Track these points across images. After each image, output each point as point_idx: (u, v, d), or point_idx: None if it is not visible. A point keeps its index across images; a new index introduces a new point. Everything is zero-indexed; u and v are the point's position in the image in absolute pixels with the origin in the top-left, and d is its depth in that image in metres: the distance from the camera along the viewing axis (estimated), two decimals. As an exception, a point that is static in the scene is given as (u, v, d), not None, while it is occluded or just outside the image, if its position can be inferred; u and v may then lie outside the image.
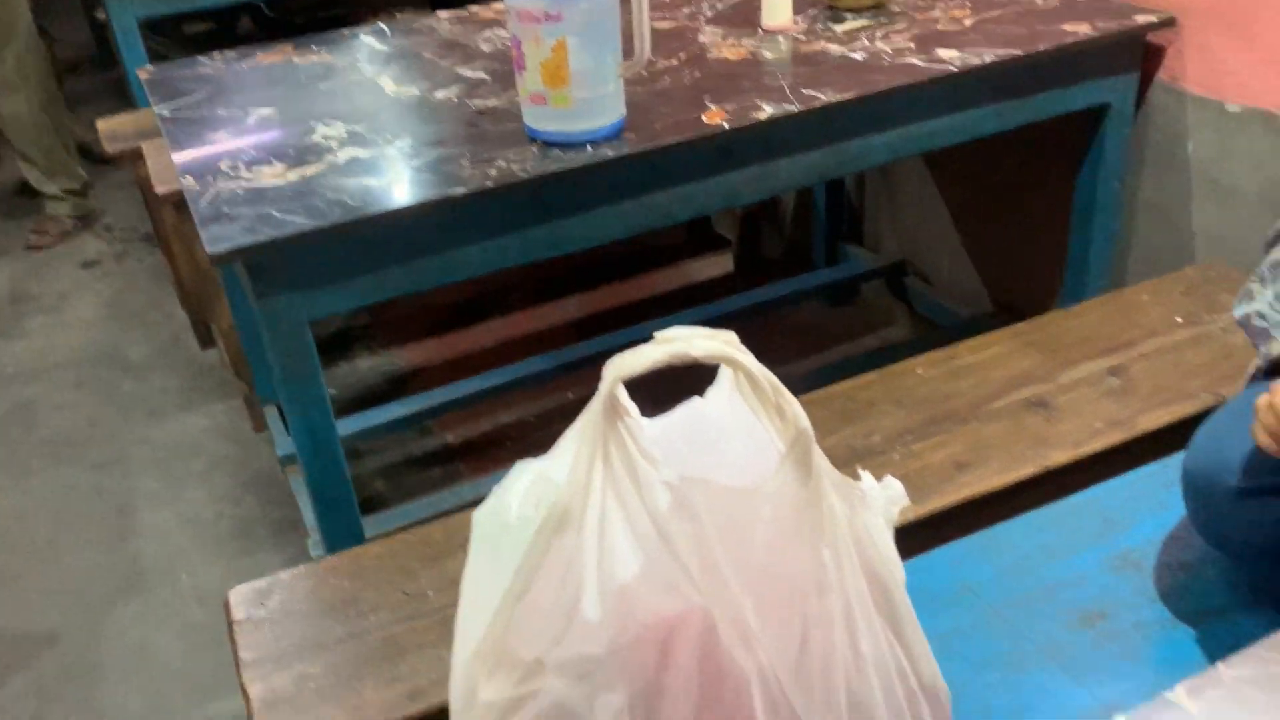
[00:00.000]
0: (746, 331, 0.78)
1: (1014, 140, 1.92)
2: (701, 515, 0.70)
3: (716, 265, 2.95)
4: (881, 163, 1.66)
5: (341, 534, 1.38)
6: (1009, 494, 1.24)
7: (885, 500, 0.74)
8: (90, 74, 4.43)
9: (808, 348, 2.54)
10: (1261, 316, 1.05)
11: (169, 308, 2.94)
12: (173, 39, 3.75)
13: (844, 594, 0.69)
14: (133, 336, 2.86)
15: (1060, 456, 1.28)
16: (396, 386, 2.54)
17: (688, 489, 0.71)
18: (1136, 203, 1.87)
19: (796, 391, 0.73)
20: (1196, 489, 1.04)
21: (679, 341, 0.64)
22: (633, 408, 0.73)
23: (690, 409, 0.82)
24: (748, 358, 0.67)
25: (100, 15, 3.62)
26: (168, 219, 2.39)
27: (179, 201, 2.08)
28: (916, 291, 2.51)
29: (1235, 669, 0.62)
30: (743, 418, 0.75)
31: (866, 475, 0.80)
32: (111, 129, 2.40)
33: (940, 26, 1.74)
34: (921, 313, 2.51)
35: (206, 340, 2.75)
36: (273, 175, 1.38)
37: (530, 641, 0.78)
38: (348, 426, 2.15)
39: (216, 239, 1.23)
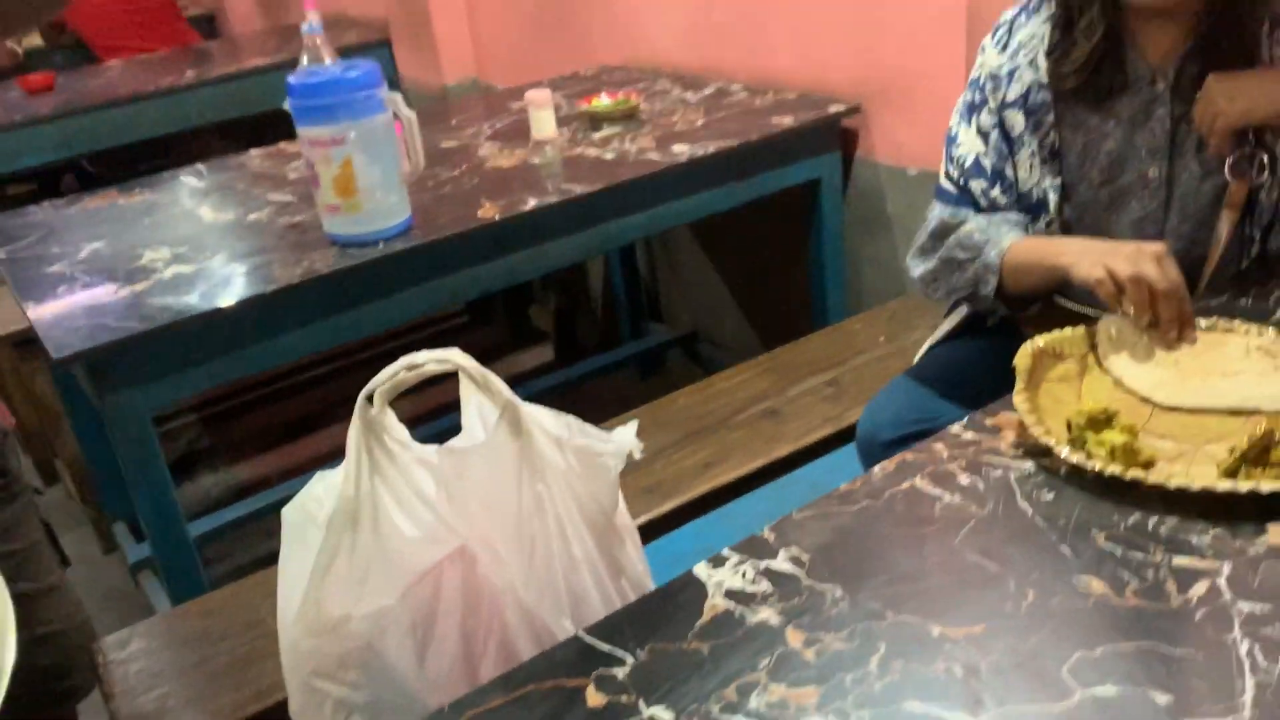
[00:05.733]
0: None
1: (761, 213, 2.31)
2: (449, 476, 0.96)
3: (537, 355, 3.24)
4: (633, 239, 1.99)
5: (187, 589, 1.57)
6: (747, 481, 1.54)
7: (616, 447, 1.01)
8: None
9: (623, 414, 2.83)
10: (982, 232, 1.27)
11: (10, 453, 3.01)
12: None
13: (557, 516, 0.96)
14: (-26, 484, 2.92)
15: (784, 449, 1.59)
16: (241, 497, 2.69)
17: (440, 458, 0.97)
18: (858, 254, 2.26)
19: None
20: (863, 446, 1.36)
21: (409, 359, 0.92)
22: (391, 416, 0.99)
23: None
24: (460, 357, 0.94)
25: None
26: (6, 362, 2.53)
27: (19, 340, 2.26)
28: (709, 356, 2.85)
29: (803, 512, 0.92)
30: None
31: (617, 431, 1.05)
32: (-57, 285, 2.55)
33: (678, 128, 2.11)
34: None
35: (50, 478, 2.85)
36: (107, 295, 1.60)
37: (338, 603, 1.02)
38: (194, 530, 2.30)
39: (60, 347, 1.43)
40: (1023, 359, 1.03)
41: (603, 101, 2.25)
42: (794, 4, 2.20)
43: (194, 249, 1.74)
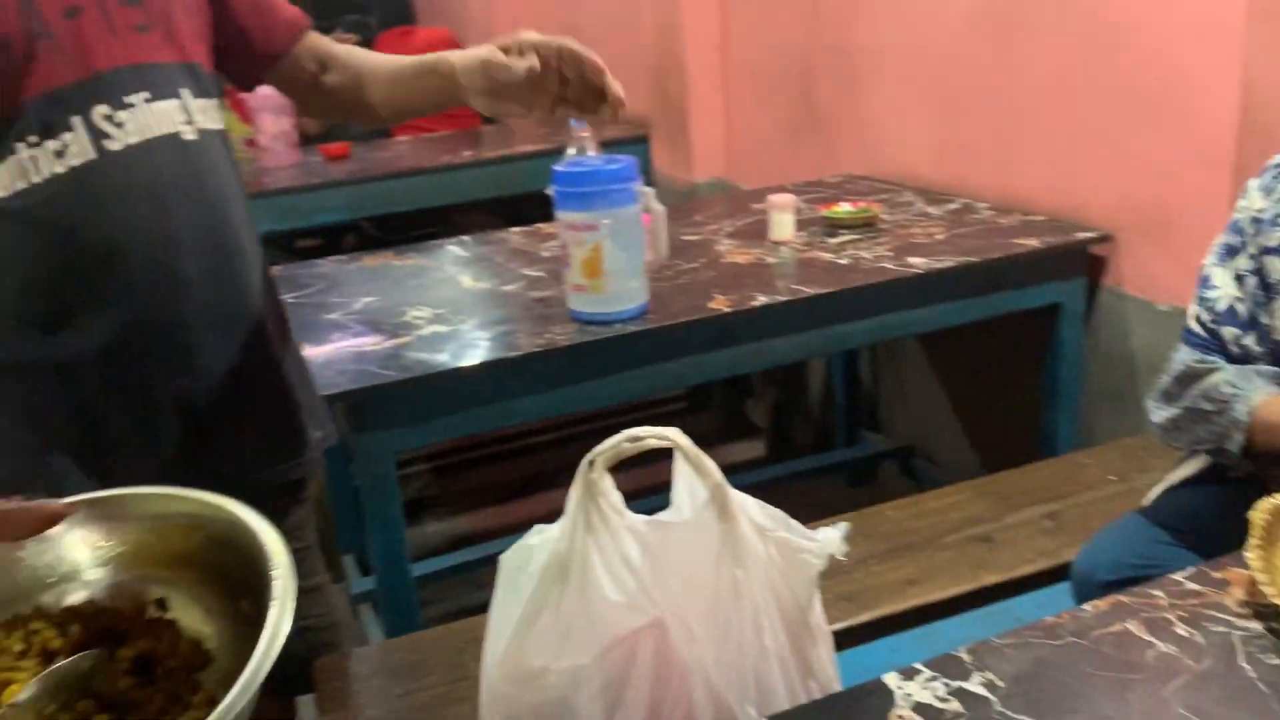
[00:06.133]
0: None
1: (995, 332, 2.27)
2: (655, 547, 1.01)
3: (749, 449, 3.28)
4: (858, 345, 2.00)
5: (402, 625, 1.69)
6: (949, 604, 1.50)
7: (819, 546, 1.03)
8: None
9: (829, 518, 2.81)
10: (1231, 385, 1.23)
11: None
12: (285, 252, 4.34)
13: (753, 603, 0.98)
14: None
15: (993, 578, 1.54)
16: (458, 546, 2.85)
17: (647, 529, 1.02)
18: (1095, 386, 2.17)
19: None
20: (1078, 584, 1.31)
21: (631, 432, 0.98)
22: (609, 481, 1.05)
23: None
24: (678, 436, 0.99)
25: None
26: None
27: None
28: (924, 473, 2.79)
29: (1004, 638, 0.90)
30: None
31: (822, 531, 1.07)
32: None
33: (916, 240, 2.13)
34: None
35: (296, 504, 3.12)
36: (372, 344, 1.77)
37: (539, 654, 1.08)
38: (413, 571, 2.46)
39: (328, 385, 1.60)
40: (1260, 514, 0.98)
41: (843, 208, 2.29)
42: (1047, 126, 2.18)
43: (452, 311, 1.90)
